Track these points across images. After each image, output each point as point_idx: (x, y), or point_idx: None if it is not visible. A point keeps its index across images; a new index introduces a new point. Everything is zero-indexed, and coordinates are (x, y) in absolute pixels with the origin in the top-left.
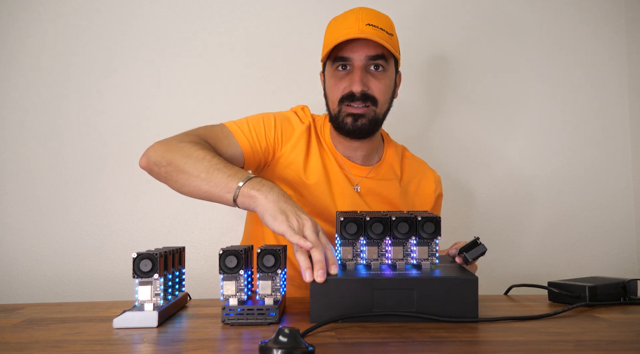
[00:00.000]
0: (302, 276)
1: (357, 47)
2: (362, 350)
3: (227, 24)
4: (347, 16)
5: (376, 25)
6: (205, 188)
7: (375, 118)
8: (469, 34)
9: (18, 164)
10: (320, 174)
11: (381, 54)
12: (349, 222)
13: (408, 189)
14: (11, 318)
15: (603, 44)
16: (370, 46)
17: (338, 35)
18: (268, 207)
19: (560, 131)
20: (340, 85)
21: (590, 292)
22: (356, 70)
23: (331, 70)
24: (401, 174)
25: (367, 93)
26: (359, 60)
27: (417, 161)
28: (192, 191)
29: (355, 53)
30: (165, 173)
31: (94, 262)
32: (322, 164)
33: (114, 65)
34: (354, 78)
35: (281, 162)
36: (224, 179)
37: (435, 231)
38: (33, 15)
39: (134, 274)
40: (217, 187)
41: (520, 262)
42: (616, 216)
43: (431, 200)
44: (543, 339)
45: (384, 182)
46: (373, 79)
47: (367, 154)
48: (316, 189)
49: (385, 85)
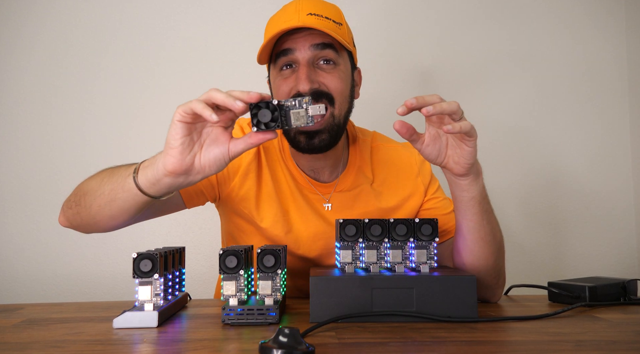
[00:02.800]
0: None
1: (299, 38)
2: (362, 350)
3: (224, 23)
4: (286, 8)
5: (320, 14)
6: (109, 188)
7: (334, 125)
8: (466, 30)
9: (18, 163)
10: (275, 212)
11: (329, 43)
12: (347, 225)
13: (383, 188)
14: (11, 318)
15: (603, 44)
16: (315, 36)
17: (276, 29)
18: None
19: (560, 130)
20: (284, 87)
21: (590, 292)
22: (301, 66)
23: (275, 72)
24: (373, 175)
25: (319, 90)
26: (303, 52)
27: (391, 149)
28: (100, 203)
29: (297, 44)
30: (76, 206)
31: (94, 262)
32: (278, 198)
33: (122, 69)
34: (299, 75)
35: (232, 197)
36: (122, 170)
37: (433, 233)
38: (27, 16)
39: (134, 274)
40: (119, 179)
41: (520, 262)
42: (616, 215)
43: (417, 184)
44: (543, 339)
45: (354, 191)
46: (324, 74)
47: (334, 162)
48: (271, 233)
49: (340, 79)
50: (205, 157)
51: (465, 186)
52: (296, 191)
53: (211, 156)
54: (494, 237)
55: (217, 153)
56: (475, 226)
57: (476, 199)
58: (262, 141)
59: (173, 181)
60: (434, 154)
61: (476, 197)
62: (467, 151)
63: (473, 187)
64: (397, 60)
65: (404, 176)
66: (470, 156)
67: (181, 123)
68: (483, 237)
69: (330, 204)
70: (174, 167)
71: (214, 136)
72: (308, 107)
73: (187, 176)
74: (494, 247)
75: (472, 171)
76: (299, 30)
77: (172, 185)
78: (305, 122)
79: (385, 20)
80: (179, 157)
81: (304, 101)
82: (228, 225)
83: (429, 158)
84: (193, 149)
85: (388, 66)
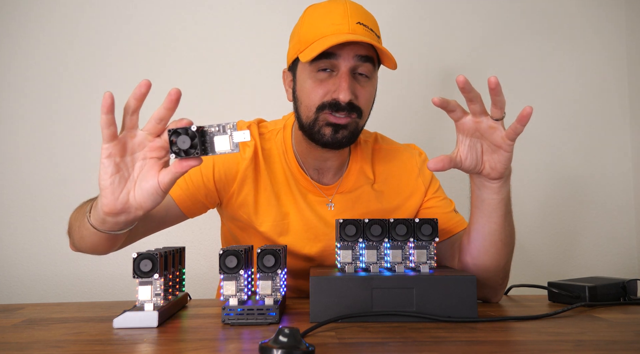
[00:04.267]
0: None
1: (346, 46)
2: (362, 350)
3: (224, 25)
4: (332, 9)
5: (366, 25)
6: (77, 225)
7: (356, 130)
8: (472, 35)
9: (17, 163)
10: (274, 216)
11: (370, 56)
12: (347, 225)
13: (384, 188)
14: (11, 318)
15: (603, 45)
16: (360, 47)
17: (324, 31)
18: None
19: (560, 131)
20: (319, 90)
21: (590, 292)
22: (344, 75)
23: (308, 70)
24: (374, 176)
25: (354, 103)
26: (347, 61)
27: (392, 150)
28: (78, 237)
29: (344, 51)
30: (70, 238)
31: (94, 262)
32: (277, 202)
33: (127, 71)
34: (342, 84)
35: (232, 203)
36: (85, 207)
37: (433, 233)
38: (29, 15)
39: (134, 274)
40: (81, 216)
41: (520, 262)
42: (616, 216)
43: (418, 184)
44: (543, 339)
45: (355, 193)
46: (359, 87)
47: (340, 163)
48: (271, 236)
49: (370, 94)
50: (138, 193)
51: (497, 188)
52: (297, 193)
53: (144, 191)
54: (512, 238)
55: (148, 188)
56: (497, 229)
57: (504, 201)
58: (187, 169)
59: (117, 220)
60: (473, 164)
61: (504, 199)
62: (505, 155)
63: (503, 189)
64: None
65: (405, 177)
66: (508, 160)
67: (108, 160)
68: (502, 238)
69: (333, 204)
70: (110, 208)
71: (146, 170)
72: (232, 133)
73: (128, 213)
74: (509, 249)
75: (507, 173)
76: None
77: (119, 223)
78: (230, 148)
79: (395, 22)
80: (111, 198)
81: (227, 127)
82: (228, 226)
83: (468, 170)
84: (126, 186)
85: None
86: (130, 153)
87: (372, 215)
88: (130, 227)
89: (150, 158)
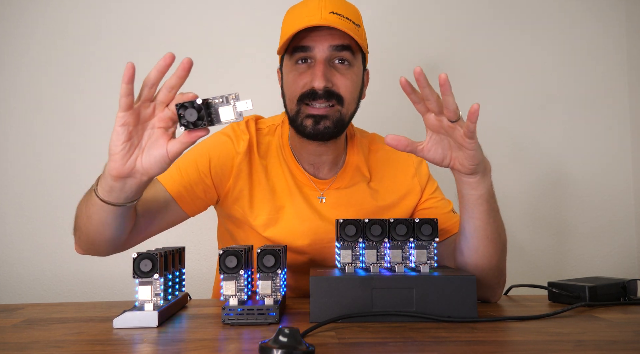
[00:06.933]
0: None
1: (319, 37)
2: (362, 350)
3: (228, 18)
4: (308, 3)
5: (341, 14)
6: (84, 206)
7: (340, 120)
8: (467, 28)
9: (17, 163)
10: (268, 210)
11: (347, 44)
12: (347, 225)
13: (380, 187)
14: (11, 318)
15: (603, 42)
16: (334, 36)
17: (298, 24)
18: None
19: (560, 131)
20: (299, 81)
21: (590, 292)
22: (318, 64)
23: (289, 64)
24: (370, 175)
25: (331, 90)
26: (322, 51)
27: (389, 150)
28: (84, 223)
29: (318, 42)
30: (77, 231)
31: (94, 262)
32: (272, 195)
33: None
34: (316, 72)
35: (228, 197)
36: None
37: (433, 233)
38: (22, 15)
39: (134, 274)
40: (88, 195)
41: (521, 262)
42: (616, 216)
43: (414, 184)
44: (543, 339)
45: (350, 189)
46: (338, 74)
47: (334, 157)
48: (265, 229)
49: (352, 81)
50: (146, 160)
51: (473, 184)
52: (294, 187)
53: (151, 157)
54: (499, 236)
55: (156, 155)
56: (481, 225)
57: (484, 197)
58: (195, 139)
59: (123, 185)
60: (439, 157)
61: (484, 195)
62: (468, 153)
63: (481, 185)
64: (400, 59)
65: (400, 176)
66: (473, 157)
67: (122, 128)
68: (489, 235)
69: (325, 197)
70: (117, 171)
71: (154, 139)
72: (235, 103)
73: (134, 178)
74: (498, 247)
75: (480, 169)
76: (320, 28)
77: (125, 190)
78: (234, 117)
79: (389, 19)
80: (120, 162)
81: (230, 98)
82: (225, 223)
83: (434, 162)
84: (134, 153)
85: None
86: (142, 122)
87: (367, 212)
88: (134, 201)
89: (158, 128)
